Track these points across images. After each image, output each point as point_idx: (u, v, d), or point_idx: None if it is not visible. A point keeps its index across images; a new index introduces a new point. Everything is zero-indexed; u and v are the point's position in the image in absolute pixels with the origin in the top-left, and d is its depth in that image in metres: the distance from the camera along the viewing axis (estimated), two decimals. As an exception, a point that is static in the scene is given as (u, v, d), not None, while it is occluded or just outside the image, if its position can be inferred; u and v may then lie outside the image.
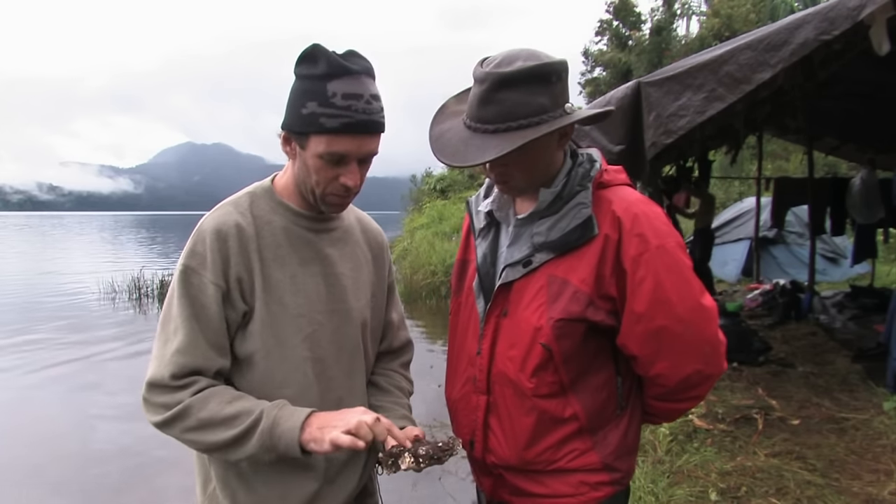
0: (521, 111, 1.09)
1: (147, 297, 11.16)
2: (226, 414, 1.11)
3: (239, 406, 1.12)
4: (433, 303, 9.87)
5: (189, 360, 1.13)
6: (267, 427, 1.09)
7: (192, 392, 1.12)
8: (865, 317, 5.77)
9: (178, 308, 1.15)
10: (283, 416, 1.11)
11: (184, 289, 1.15)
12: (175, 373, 1.12)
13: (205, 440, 1.12)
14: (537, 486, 1.26)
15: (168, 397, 1.12)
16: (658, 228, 1.16)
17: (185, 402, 1.11)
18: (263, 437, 1.09)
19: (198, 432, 1.11)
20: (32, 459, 4.19)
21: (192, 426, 1.11)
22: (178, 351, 1.13)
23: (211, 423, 1.11)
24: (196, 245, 1.17)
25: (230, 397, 1.14)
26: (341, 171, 1.16)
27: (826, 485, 2.87)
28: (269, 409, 1.12)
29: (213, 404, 1.11)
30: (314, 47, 1.11)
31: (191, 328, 1.13)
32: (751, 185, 11.18)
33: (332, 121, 1.10)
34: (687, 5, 22.83)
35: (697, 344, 1.18)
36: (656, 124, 3.26)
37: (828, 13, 2.80)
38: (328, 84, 1.09)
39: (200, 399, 1.12)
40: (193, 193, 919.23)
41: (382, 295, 1.41)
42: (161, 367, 1.13)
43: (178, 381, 1.12)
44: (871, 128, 6.17)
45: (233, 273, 1.16)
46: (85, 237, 41.72)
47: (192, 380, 1.13)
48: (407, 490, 3.39)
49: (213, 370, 1.16)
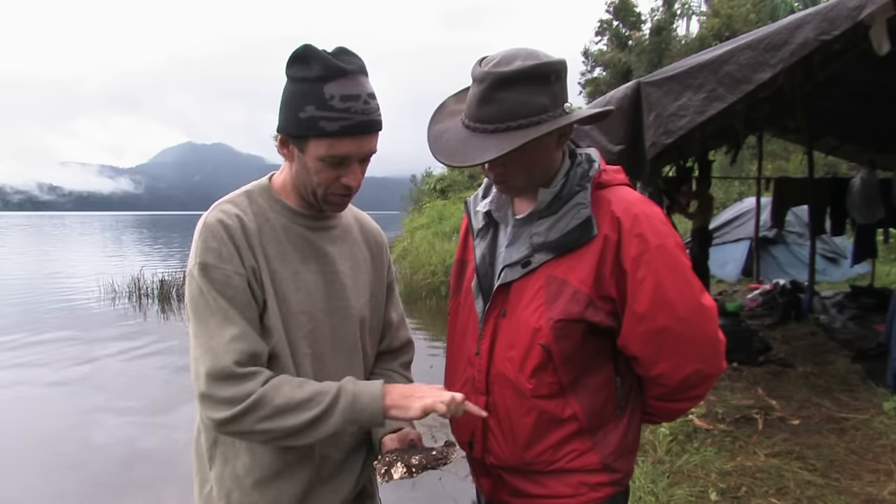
0: (520, 111, 1.09)
1: (146, 297, 11.16)
2: (301, 397, 1.10)
3: (311, 389, 1.12)
4: (433, 303, 9.88)
5: (247, 345, 1.10)
6: (348, 402, 1.12)
7: (262, 382, 1.10)
8: (865, 317, 5.77)
9: (214, 302, 1.11)
10: (360, 391, 1.13)
11: (210, 284, 1.11)
12: (238, 360, 1.09)
13: (282, 426, 1.09)
14: (537, 486, 1.25)
15: (235, 389, 1.08)
16: (658, 228, 1.16)
17: (257, 392, 1.08)
18: (346, 412, 1.11)
19: (274, 420, 1.09)
20: (32, 459, 4.20)
21: (268, 414, 1.08)
22: (235, 338, 1.10)
23: (287, 407, 1.09)
24: (208, 241, 1.14)
25: (298, 382, 1.14)
26: (342, 171, 1.15)
27: (826, 485, 2.87)
28: (346, 385, 1.14)
29: (286, 389, 1.11)
30: (305, 48, 1.10)
31: (235, 315, 1.11)
32: (751, 185, 11.19)
33: (333, 124, 1.09)
34: (687, 5, 22.84)
35: (698, 344, 1.18)
36: (656, 124, 3.26)
37: (828, 13, 2.80)
38: (325, 86, 1.08)
39: (272, 387, 1.10)
40: (193, 193, 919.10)
41: (382, 294, 1.40)
42: (220, 357, 1.08)
43: (243, 369, 1.09)
44: (871, 128, 6.18)
45: (247, 264, 1.15)
46: (88, 237, 41.74)
47: (256, 369, 1.11)
48: (407, 490, 3.39)
49: (266, 354, 1.15)
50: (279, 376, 1.13)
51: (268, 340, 1.16)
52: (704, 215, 6.74)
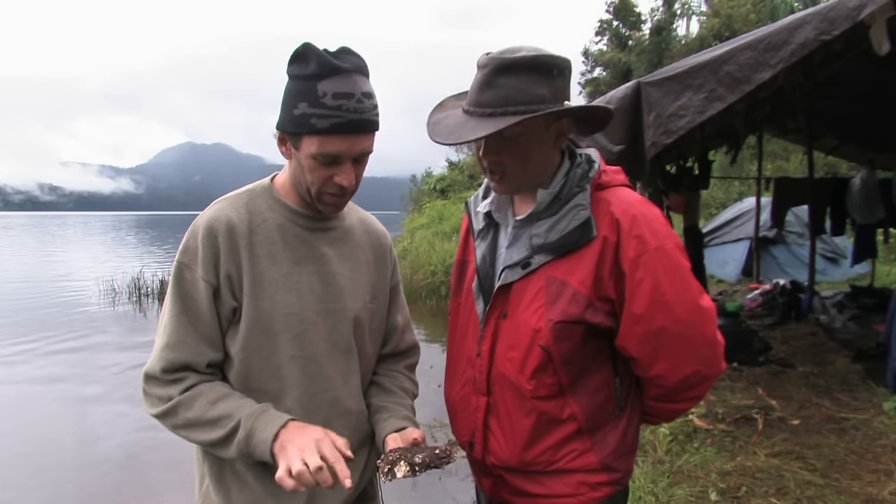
0: (519, 97, 1.09)
1: (147, 296, 11.17)
2: (209, 417, 1.14)
3: (222, 409, 1.14)
4: (433, 303, 9.88)
5: (177, 355, 1.16)
6: (243, 437, 1.11)
7: (181, 389, 1.15)
8: (865, 317, 5.76)
9: (170, 304, 1.18)
10: (258, 427, 1.11)
11: (177, 284, 1.18)
12: (165, 367, 1.16)
13: (193, 438, 1.17)
14: (537, 486, 1.26)
15: (161, 390, 1.16)
16: (656, 230, 1.16)
17: (174, 399, 1.14)
18: (240, 446, 1.12)
19: (185, 430, 1.16)
20: (32, 459, 4.20)
21: (180, 424, 1.16)
22: (167, 346, 1.16)
23: (196, 423, 1.14)
24: (189, 241, 1.19)
25: (215, 397, 1.16)
26: (335, 170, 1.15)
27: (826, 485, 2.87)
28: (247, 419, 1.12)
29: (198, 404, 1.14)
30: (305, 46, 1.11)
31: (180, 323, 1.16)
32: (751, 185, 11.18)
33: (323, 121, 1.09)
34: (687, 5, 22.81)
35: (696, 345, 1.18)
36: (656, 124, 3.26)
37: (828, 13, 2.80)
38: (318, 84, 1.09)
39: (188, 398, 1.15)
40: (194, 193, 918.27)
41: (385, 297, 1.40)
42: (153, 362, 1.17)
43: (168, 376, 1.16)
44: (870, 128, 6.17)
45: (223, 269, 1.17)
46: (91, 238, 41.74)
47: (182, 376, 1.16)
48: (407, 490, 3.40)
49: (204, 364, 1.18)
50: (202, 386, 1.16)
51: (234, 343, 1.19)
52: (692, 214, 6.74)
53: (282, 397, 1.20)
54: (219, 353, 1.20)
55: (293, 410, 1.19)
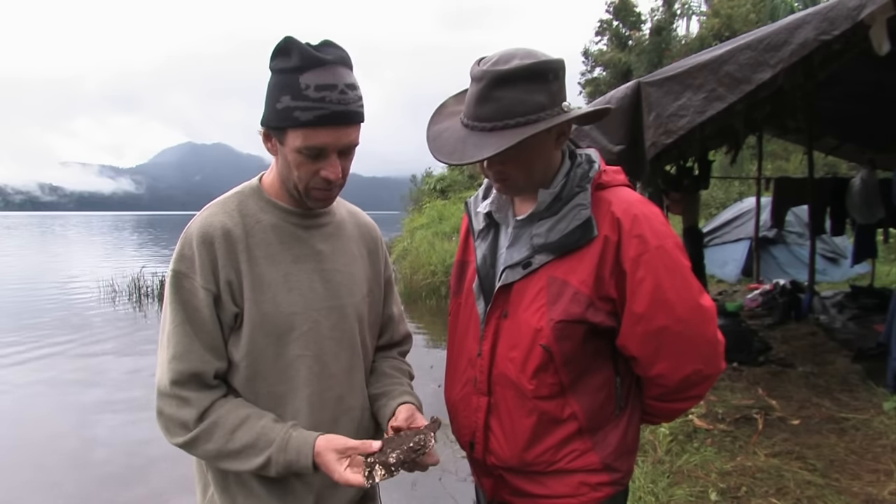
0: (518, 109, 1.09)
1: (147, 296, 11.17)
2: (233, 449, 1.12)
3: (245, 438, 1.12)
4: (433, 303, 9.88)
5: (185, 365, 1.13)
6: (282, 462, 1.12)
7: (196, 416, 1.12)
8: (865, 317, 5.76)
9: (172, 314, 1.15)
10: (291, 460, 1.11)
11: (176, 293, 1.15)
12: (174, 379, 1.13)
13: (224, 467, 1.16)
14: (537, 486, 1.26)
15: (175, 411, 1.13)
16: (657, 229, 1.16)
17: (191, 432, 1.12)
18: (279, 468, 1.12)
19: (215, 461, 1.15)
20: (32, 459, 4.20)
21: (205, 456, 1.15)
22: (174, 357, 1.13)
23: (219, 455, 1.13)
24: (184, 249, 1.16)
25: (233, 425, 1.13)
26: (321, 164, 1.14)
27: (826, 485, 2.87)
28: (276, 454, 1.12)
29: (218, 435, 1.12)
30: (287, 40, 1.09)
31: (184, 333, 1.13)
32: (751, 185, 11.19)
33: (307, 114, 1.08)
34: (687, 5, 22.81)
35: (697, 344, 1.19)
36: (656, 124, 3.26)
37: (828, 13, 2.80)
38: (300, 76, 1.07)
39: (205, 431, 1.12)
40: (194, 193, 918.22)
41: (380, 289, 1.40)
42: (162, 375, 1.15)
43: (179, 391, 1.13)
44: (870, 128, 6.17)
45: (222, 276, 1.15)
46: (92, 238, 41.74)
47: (192, 395, 1.13)
48: (407, 490, 3.40)
49: (212, 373, 1.16)
50: (218, 412, 1.14)
51: (238, 348, 1.17)
52: (692, 214, 6.75)
53: (290, 398, 1.19)
54: (223, 362, 1.18)
55: (302, 410, 1.19)
